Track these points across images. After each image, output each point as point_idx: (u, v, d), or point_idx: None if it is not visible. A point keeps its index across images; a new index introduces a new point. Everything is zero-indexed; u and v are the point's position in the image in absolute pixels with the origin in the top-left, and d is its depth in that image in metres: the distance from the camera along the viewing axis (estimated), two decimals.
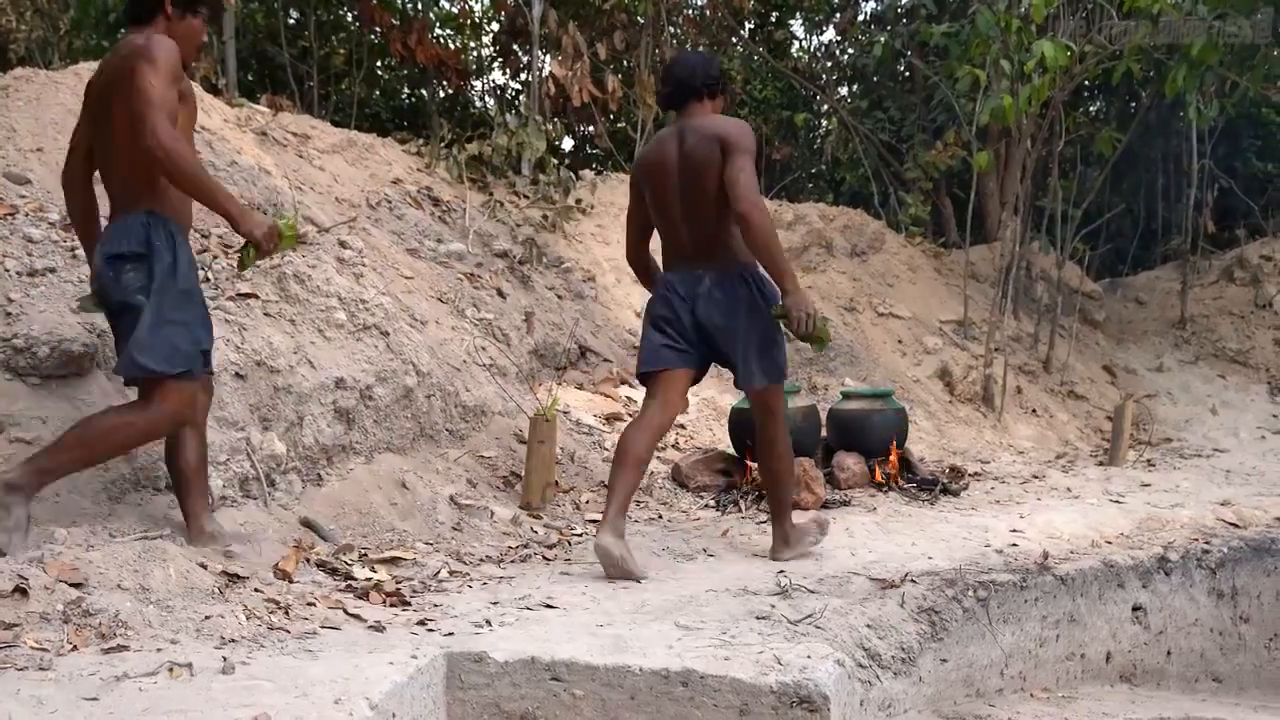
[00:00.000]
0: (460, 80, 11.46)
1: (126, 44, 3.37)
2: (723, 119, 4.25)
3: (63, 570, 3.09)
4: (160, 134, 3.18)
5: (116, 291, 3.35)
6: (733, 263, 4.27)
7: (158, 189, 3.37)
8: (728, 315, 4.25)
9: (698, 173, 4.18)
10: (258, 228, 3.43)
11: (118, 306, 3.38)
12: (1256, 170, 11.88)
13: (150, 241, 3.35)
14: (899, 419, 6.20)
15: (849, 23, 12.46)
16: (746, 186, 4.02)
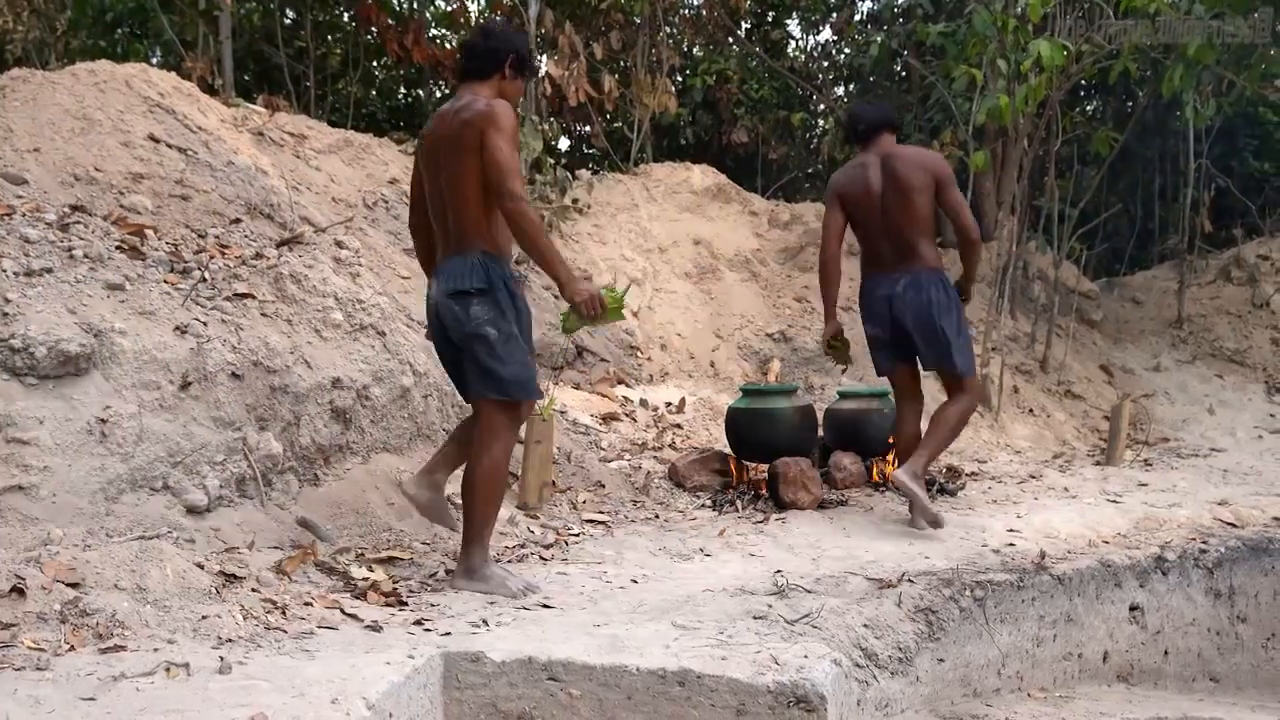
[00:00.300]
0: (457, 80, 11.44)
1: (470, 107, 3.70)
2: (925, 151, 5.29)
3: (60, 570, 3.09)
4: (517, 196, 3.56)
5: (466, 324, 3.67)
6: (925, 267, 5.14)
7: (492, 234, 3.72)
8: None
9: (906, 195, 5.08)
10: (579, 294, 3.68)
11: (465, 337, 3.69)
12: (1253, 169, 11.89)
13: (490, 278, 3.68)
14: (895, 418, 6.20)
15: (845, 22, 12.47)
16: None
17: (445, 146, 3.74)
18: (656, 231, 8.88)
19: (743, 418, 5.80)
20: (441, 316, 3.75)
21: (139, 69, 6.13)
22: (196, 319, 4.21)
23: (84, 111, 5.41)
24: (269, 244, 5.10)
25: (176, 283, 4.37)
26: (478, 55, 3.88)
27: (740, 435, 5.81)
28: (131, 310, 4.05)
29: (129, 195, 5.03)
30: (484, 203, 3.68)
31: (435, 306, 3.77)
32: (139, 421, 3.80)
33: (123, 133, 5.42)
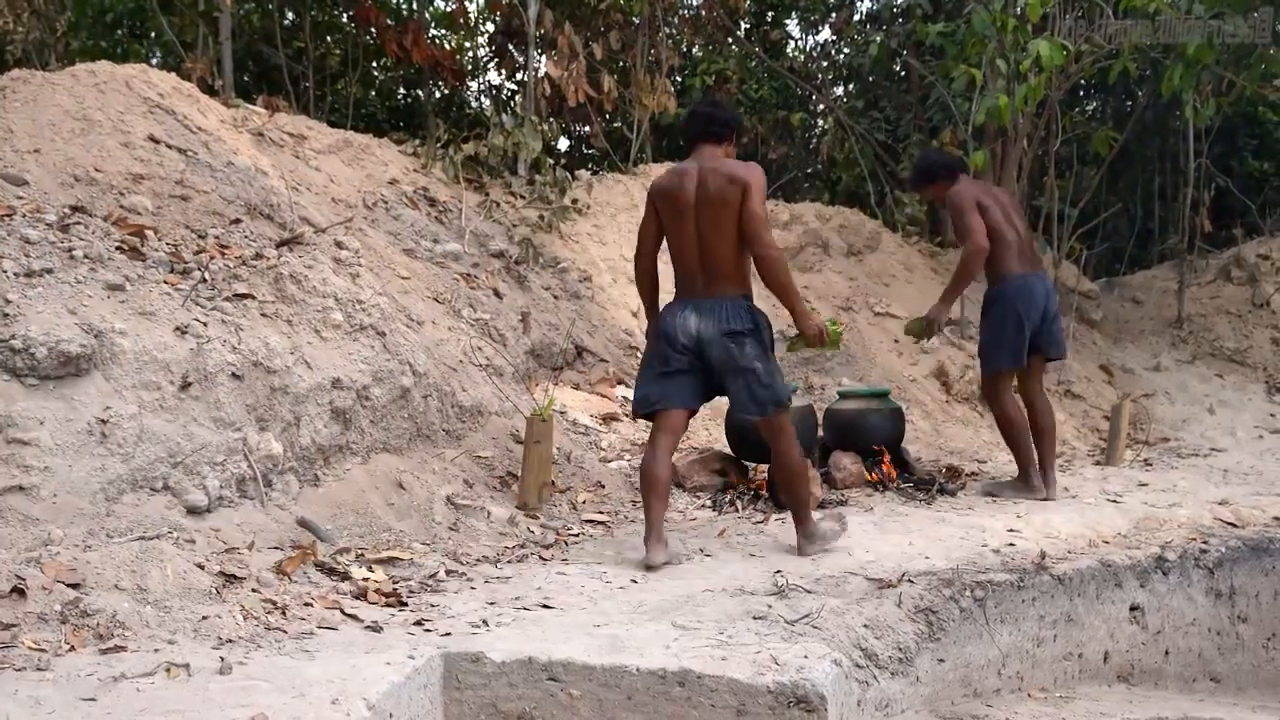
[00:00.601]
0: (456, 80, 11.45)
1: (731, 169, 4.37)
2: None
3: (60, 571, 3.09)
4: (773, 248, 4.37)
5: (741, 359, 4.38)
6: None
7: (746, 277, 4.46)
8: None
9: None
10: (811, 327, 4.56)
11: (738, 370, 4.40)
12: (1253, 169, 11.89)
13: (755, 321, 4.43)
14: (895, 418, 6.21)
15: (845, 22, 12.47)
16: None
17: (709, 201, 4.37)
18: None
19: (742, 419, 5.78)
20: (710, 347, 4.41)
21: (139, 70, 6.13)
22: (196, 319, 4.21)
23: (84, 112, 5.41)
24: (269, 244, 5.10)
25: (176, 283, 4.37)
26: (718, 122, 4.53)
27: (741, 436, 5.81)
28: (132, 311, 4.06)
29: (129, 196, 5.03)
30: (740, 250, 4.38)
31: (700, 337, 4.42)
32: (139, 422, 3.80)
33: (123, 133, 5.42)
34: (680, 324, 4.46)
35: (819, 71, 12.91)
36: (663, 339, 4.50)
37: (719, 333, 4.40)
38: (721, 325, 4.41)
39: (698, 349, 4.44)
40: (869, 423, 6.10)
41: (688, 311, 4.47)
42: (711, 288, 4.45)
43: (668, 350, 4.48)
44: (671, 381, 4.50)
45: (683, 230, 4.46)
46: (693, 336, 4.44)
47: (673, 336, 4.47)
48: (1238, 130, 11.52)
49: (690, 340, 4.45)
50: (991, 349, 5.84)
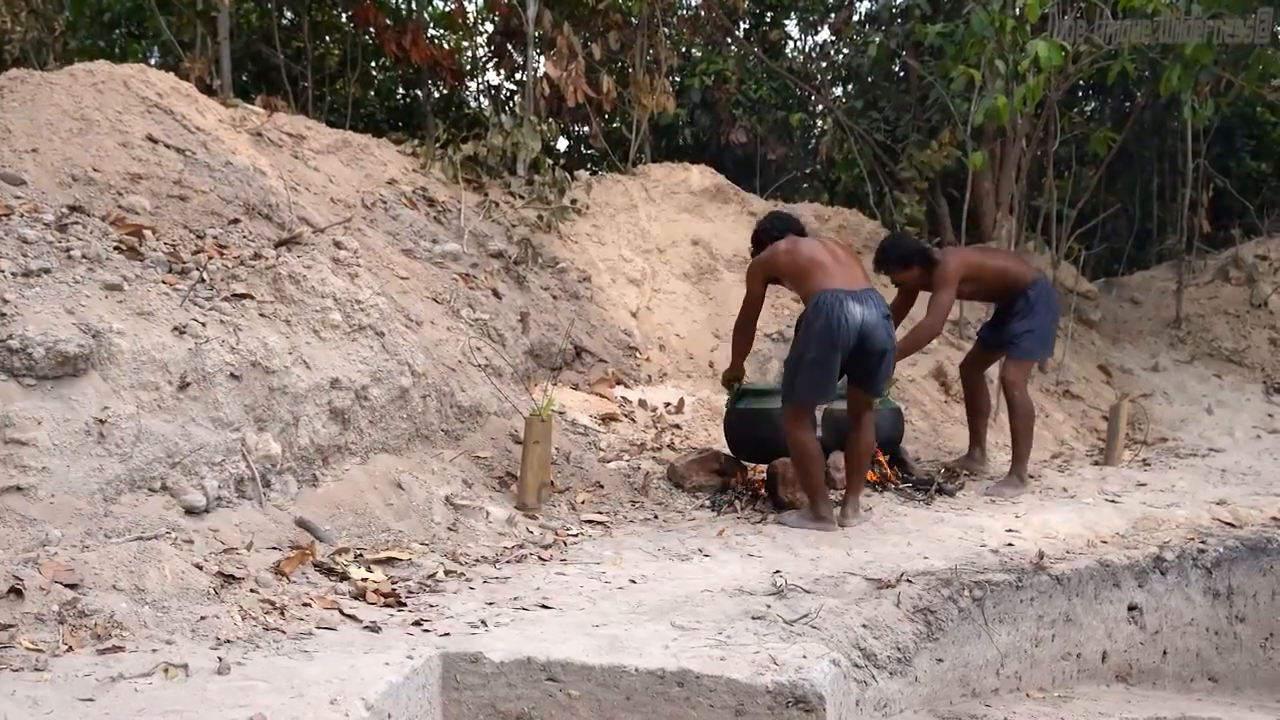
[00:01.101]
0: (455, 81, 11.45)
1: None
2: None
3: (58, 571, 3.09)
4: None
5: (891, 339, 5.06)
6: None
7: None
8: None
9: None
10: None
11: (887, 351, 5.04)
12: (1251, 170, 11.89)
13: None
14: (894, 418, 6.21)
15: (844, 23, 12.46)
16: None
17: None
18: (655, 232, 8.88)
19: (743, 418, 5.79)
20: (876, 330, 4.94)
21: (137, 69, 6.13)
22: (195, 319, 4.20)
23: (82, 112, 5.41)
24: (267, 244, 5.10)
25: (175, 283, 4.37)
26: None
27: (738, 436, 5.81)
28: (129, 311, 4.05)
29: (127, 196, 5.03)
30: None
31: (867, 323, 4.91)
32: (137, 422, 3.79)
33: (121, 133, 5.42)
34: (856, 318, 4.98)
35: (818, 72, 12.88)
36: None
37: (882, 315, 5.09)
38: (881, 309, 5.10)
39: (859, 334, 5.00)
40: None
41: (854, 303, 5.00)
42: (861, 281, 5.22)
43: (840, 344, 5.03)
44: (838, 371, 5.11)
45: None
46: (856, 325, 5.00)
47: (851, 333, 4.98)
48: (1236, 131, 11.52)
49: (855, 330, 5.00)
50: (1037, 339, 6.19)
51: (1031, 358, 6.25)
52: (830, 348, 4.92)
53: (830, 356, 4.94)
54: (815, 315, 4.94)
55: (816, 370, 4.98)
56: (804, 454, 5.07)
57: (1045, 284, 6.27)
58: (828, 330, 4.89)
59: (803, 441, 5.07)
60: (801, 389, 5.06)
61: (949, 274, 6.08)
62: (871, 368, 5.05)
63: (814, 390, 5.07)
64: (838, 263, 5.13)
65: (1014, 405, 6.18)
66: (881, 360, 5.03)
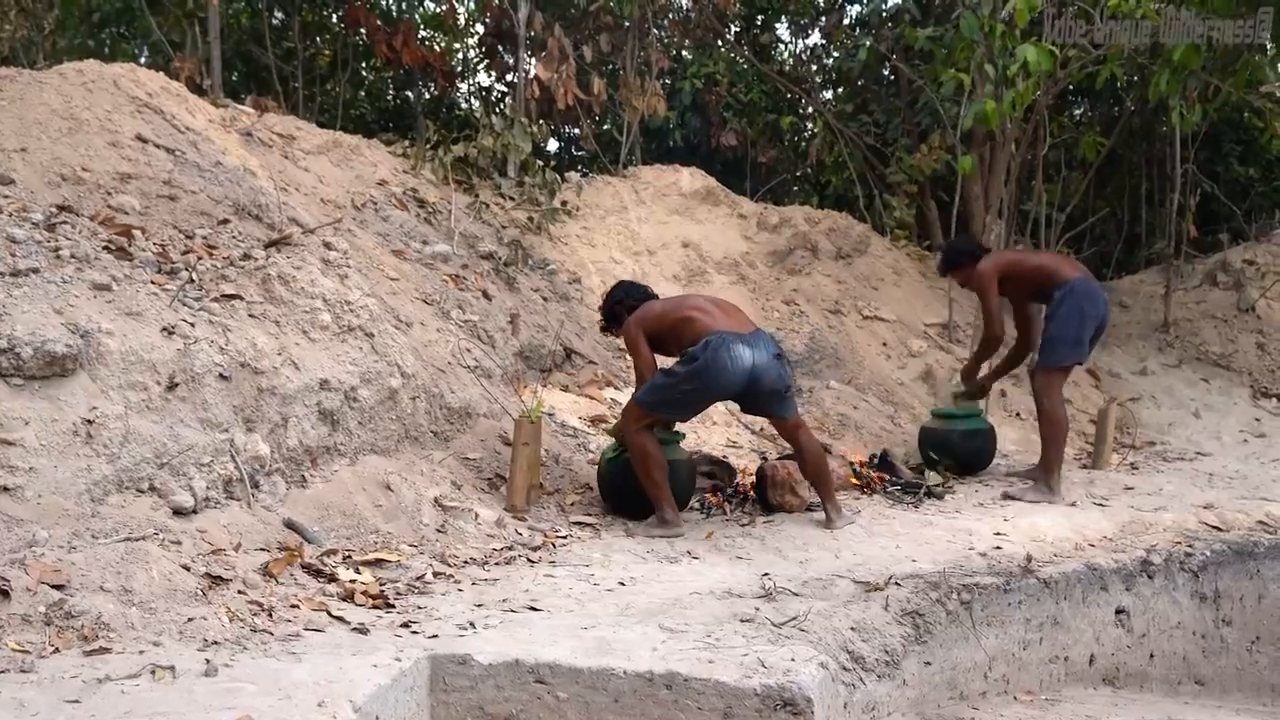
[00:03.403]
0: (446, 82, 11.45)
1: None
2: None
3: (45, 572, 3.08)
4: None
5: (788, 379, 5.10)
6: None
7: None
8: None
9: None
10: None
11: (787, 389, 5.10)
12: (1239, 175, 11.93)
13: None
14: (989, 436, 6.77)
15: (834, 26, 12.48)
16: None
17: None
18: (645, 234, 8.88)
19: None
20: (767, 372, 4.95)
21: (127, 69, 6.11)
22: (184, 320, 4.19)
23: (71, 111, 5.39)
24: (257, 245, 5.09)
25: (164, 283, 4.36)
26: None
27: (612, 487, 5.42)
28: (118, 311, 4.04)
29: (116, 195, 5.01)
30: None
31: (758, 365, 4.92)
32: (125, 422, 3.78)
33: (110, 133, 5.40)
34: (748, 361, 4.99)
35: (808, 75, 12.90)
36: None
37: (772, 355, 5.05)
38: (772, 349, 5.07)
39: (750, 375, 4.97)
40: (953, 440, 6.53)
41: (743, 347, 4.99)
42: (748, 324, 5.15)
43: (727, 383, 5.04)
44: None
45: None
46: (748, 367, 4.94)
47: (742, 374, 4.99)
48: (1224, 136, 11.55)
49: (745, 371, 4.96)
50: (1060, 343, 6.06)
51: (1055, 365, 6.12)
52: (706, 386, 4.93)
53: (700, 394, 5.00)
54: (702, 352, 4.89)
55: (683, 398, 5.01)
56: (645, 455, 4.99)
57: (1083, 283, 6.13)
58: (710, 370, 4.86)
59: (643, 444, 4.99)
60: (659, 402, 5.02)
61: (985, 276, 6.21)
62: (774, 403, 5.10)
63: (670, 409, 5.10)
64: (721, 309, 5.15)
65: (1041, 413, 6.17)
66: (782, 396, 5.07)
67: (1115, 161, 11.16)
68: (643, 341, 5.21)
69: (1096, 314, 6.08)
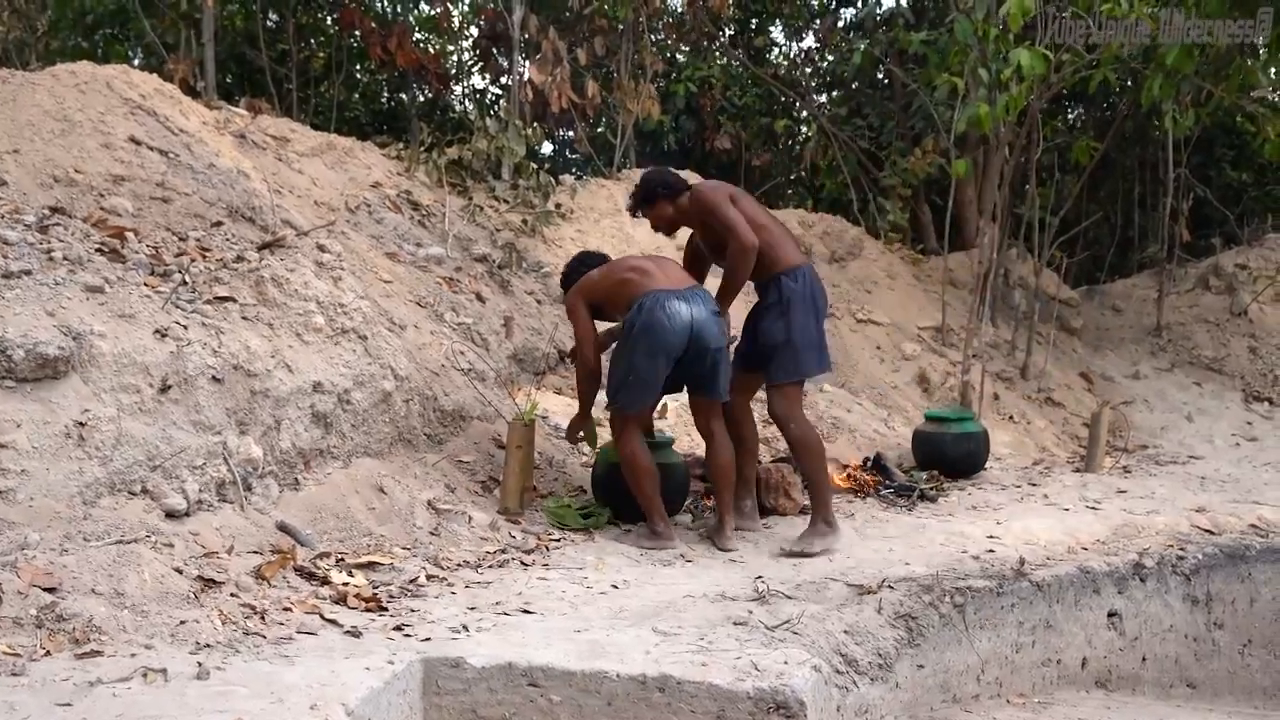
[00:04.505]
0: (440, 84, 11.44)
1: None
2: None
3: (36, 575, 3.07)
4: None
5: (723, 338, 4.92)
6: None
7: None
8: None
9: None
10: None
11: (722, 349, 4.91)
12: (1231, 179, 11.98)
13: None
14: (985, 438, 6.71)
15: (828, 30, 12.50)
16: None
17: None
18: (639, 237, 8.87)
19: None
20: (706, 327, 4.79)
21: (120, 70, 6.10)
22: (177, 322, 4.19)
23: (64, 113, 5.38)
24: (250, 247, 5.08)
25: (157, 285, 4.35)
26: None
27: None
28: (111, 313, 4.03)
29: (109, 197, 5.00)
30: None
31: (697, 320, 4.77)
32: (118, 425, 3.77)
33: (103, 134, 5.39)
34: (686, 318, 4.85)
35: (803, 79, 12.93)
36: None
37: (712, 312, 4.90)
38: (711, 306, 4.92)
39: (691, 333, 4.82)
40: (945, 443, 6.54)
41: (682, 303, 4.85)
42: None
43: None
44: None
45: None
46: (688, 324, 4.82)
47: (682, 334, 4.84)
48: (1216, 140, 11.60)
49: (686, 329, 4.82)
50: (802, 350, 5.00)
51: (797, 378, 5.02)
52: (653, 349, 4.74)
53: (654, 359, 4.76)
54: (637, 316, 4.76)
55: (641, 375, 4.80)
56: (635, 467, 4.84)
57: (810, 271, 5.08)
58: (650, 331, 4.72)
59: (634, 454, 4.84)
60: (626, 395, 4.87)
61: (717, 195, 5.02)
62: (708, 369, 4.86)
63: (640, 395, 4.89)
64: (658, 267, 4.99)
65: (793, 443, 4.96)
66: (718, 360, 4.86)
67: (1108, 166, 11.19)
68: (582, 308, 5.07)
69: (821, 310, 5.06)
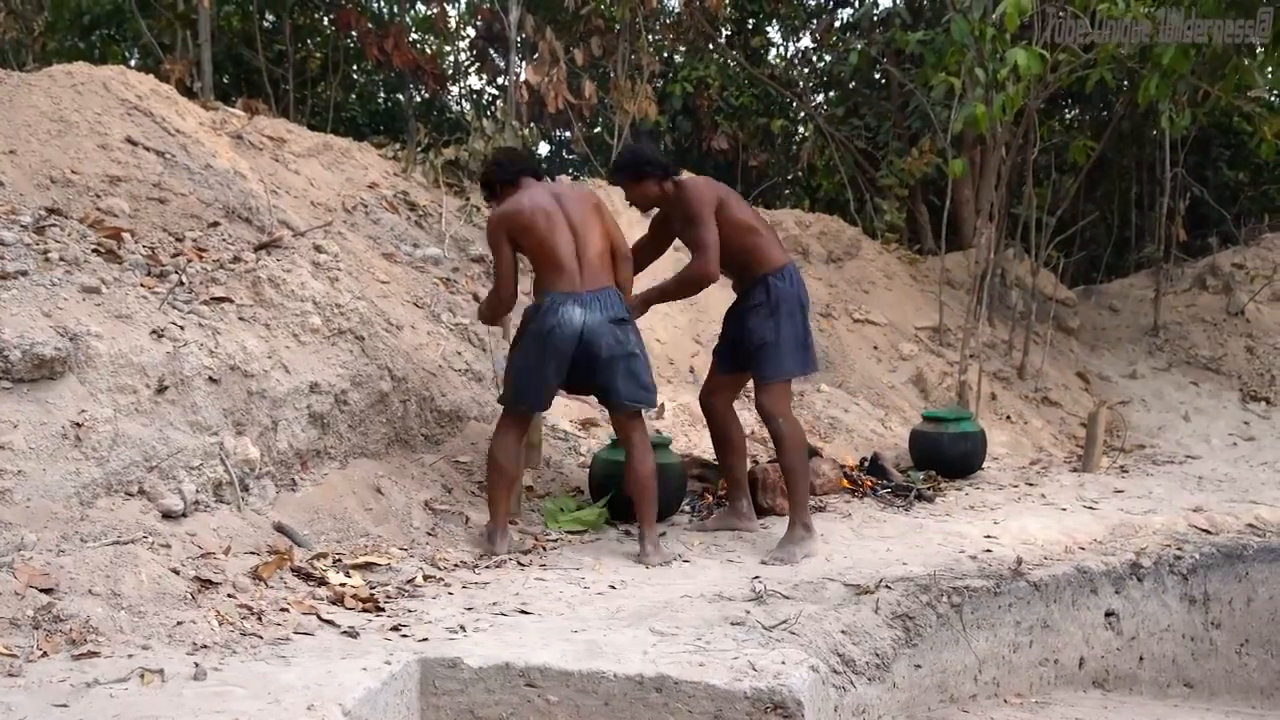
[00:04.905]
0: (437, 85, 11.44)
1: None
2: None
3: (33, 576, 3.07)
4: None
5: (626, 344, 4.58)
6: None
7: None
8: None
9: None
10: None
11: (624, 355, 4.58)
12: (1228, 179, 11.98)
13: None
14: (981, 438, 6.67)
15: (825, 30, 12.51)
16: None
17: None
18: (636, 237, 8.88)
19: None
20: (598, 336, 4.51)
21: (117, 71, 6.09)
22: (173, 323, 4.18)
23: (61, 114, 5.37)
24: (247, 247, 5.08)
25: (153, 286, 4.35)
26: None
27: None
28: (107, 314, 4.03)
29: (106, 198, 5.00)
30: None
31: (589, 327, 4.51)
32: (114, 426, 3.77)
33: (100, 135, 5.39)
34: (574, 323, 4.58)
35: (799, 79, 12.93)
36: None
37: (606, 319, 4.58)
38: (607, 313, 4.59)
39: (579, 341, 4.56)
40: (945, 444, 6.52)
41: (572, 306, 4.58)
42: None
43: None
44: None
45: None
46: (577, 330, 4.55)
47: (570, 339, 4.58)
48: (1213, 140, 11.61)
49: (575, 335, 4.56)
50: (791, 350, 4.85)
51: (784, 376, 4.85)
52: (542, 355, 4.54)
53: (541, 365, 4.56)
54: (534, 317, 4.60)
55: (526, 376, 4.62)
56: (493, 463, 4.62)
57: (795, 270, 5.06)
58: (539, 336, 4.53)
59: (497, 449, 4.62)
60: (509, 393, 4.73)
61: (703, 199, 4.82)
62: (603, 377, 4.58)
63: (521, 396, 4.67)
64: (574, 250, 4.59)
65: (779, 438, 4.76)
66: (614, 368, 4.54)
67: (1105, 165, 11.19)
68: (506, 246, 4.66)
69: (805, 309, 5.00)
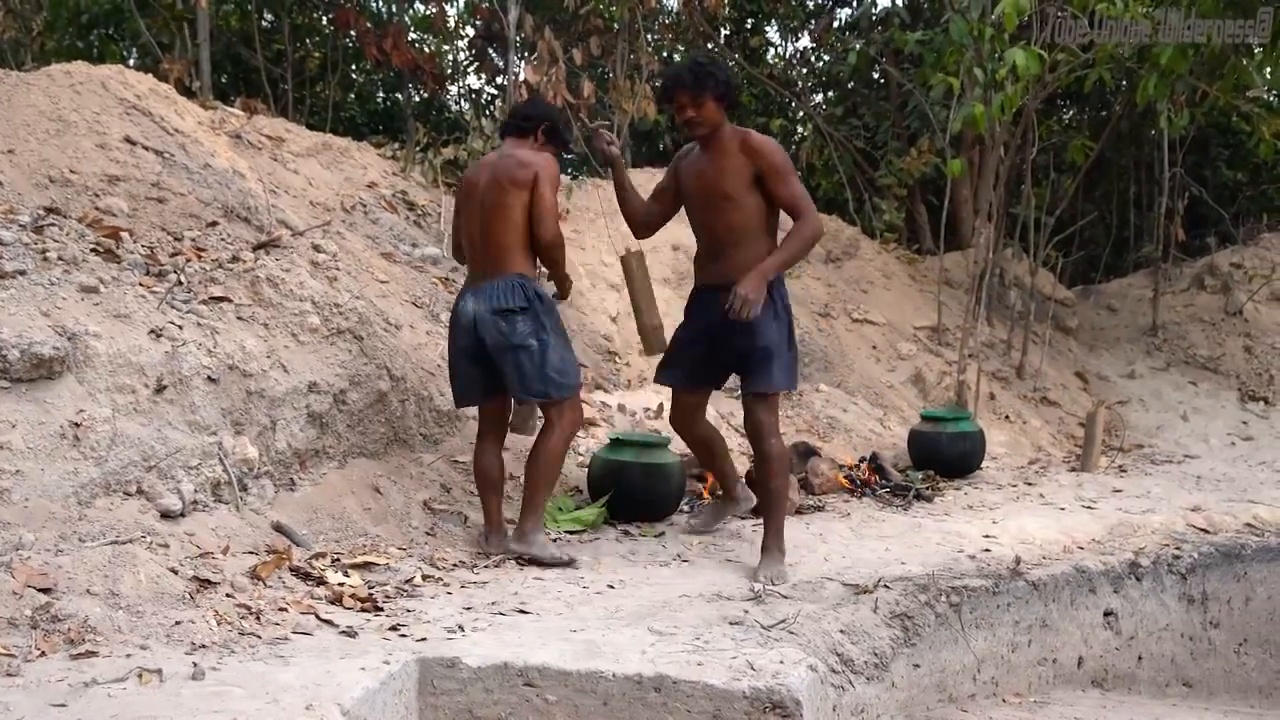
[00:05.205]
0: (436, 85, 11.43)
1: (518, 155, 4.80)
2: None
3: (31, 575, 3.07)
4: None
5: (512, 337, 4.36)
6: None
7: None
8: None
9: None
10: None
11: (511, 348, 4.36)
12: (1226, 179, 11.99)
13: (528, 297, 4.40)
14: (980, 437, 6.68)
15: (824, 30, 12.51)
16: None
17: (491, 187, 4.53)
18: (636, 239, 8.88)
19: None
20: (482, 327, 4.38)
21: (115, 70, 6.09)
22: (172, 322, 4.18)
23: (59, 113, 5.37)
24: (246, 247, 5.08)
25: (152, 286, 4.35)
26: (520, 117, 4.91)
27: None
28: (106, 313, 4.03)
29: (104, 197, 5.00)
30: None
31: (478, 319, 4.39)
32: (113, 425, 3.77)
33: (98, 134, 5.38)
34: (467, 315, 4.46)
35: (798, 78, 12.94)
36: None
37: (488, 310, 4.40)
38: (491, 303, 4.40)
39: (474, 334, 4.43)
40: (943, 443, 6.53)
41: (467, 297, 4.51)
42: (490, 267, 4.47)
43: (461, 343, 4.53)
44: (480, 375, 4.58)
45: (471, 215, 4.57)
46: (469, 322, 4.44)
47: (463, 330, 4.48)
48: (1211, 140, 11.61)
49: (468, 327, 4.45)
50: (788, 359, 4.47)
51: (789, 386, 4.54)
52: (450, 347, 4.59)
53: (453, 357, 4.58)
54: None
55: (450, 370, 4.65)
56: (474, 467, 4.64)
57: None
58: (450, 326, 4.60)
59: (475, 453, 4.66)
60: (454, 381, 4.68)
61: (787, 161, 4.70)
62: (501, 369, 4.42)
63: (455, 389, 4.66)
64: (479, 233, 4.54)
65: (769, 458, 4.39)
66: (502, 360, 4.39)
67: (1103, 165, 11.19)
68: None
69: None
